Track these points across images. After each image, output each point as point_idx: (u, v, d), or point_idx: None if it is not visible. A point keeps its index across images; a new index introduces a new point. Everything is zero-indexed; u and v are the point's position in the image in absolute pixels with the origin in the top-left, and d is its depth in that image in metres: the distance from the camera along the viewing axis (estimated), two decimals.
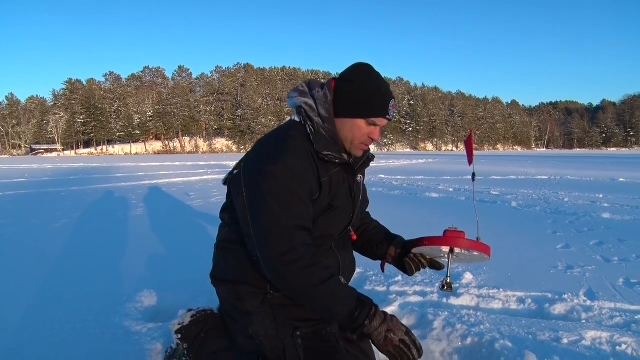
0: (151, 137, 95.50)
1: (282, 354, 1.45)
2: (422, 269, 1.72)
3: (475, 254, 1.55)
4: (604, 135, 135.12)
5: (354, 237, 1.71)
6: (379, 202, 6.71)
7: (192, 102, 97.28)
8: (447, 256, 1.58)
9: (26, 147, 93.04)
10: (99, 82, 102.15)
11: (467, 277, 2.86)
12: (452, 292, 1.71)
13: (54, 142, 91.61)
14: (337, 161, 1.48)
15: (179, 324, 1.74)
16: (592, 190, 8.16)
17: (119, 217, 5.65)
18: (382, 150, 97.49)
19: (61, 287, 2.78)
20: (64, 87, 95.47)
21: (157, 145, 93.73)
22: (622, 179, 10.66)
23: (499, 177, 11.77)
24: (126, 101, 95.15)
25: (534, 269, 3.09)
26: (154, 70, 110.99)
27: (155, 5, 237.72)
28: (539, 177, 11.91)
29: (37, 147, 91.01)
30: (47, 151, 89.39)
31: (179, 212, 6.07)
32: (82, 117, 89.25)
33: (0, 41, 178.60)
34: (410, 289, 2.68)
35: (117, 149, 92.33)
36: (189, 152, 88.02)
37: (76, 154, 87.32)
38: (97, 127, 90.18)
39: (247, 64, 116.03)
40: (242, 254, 1.51)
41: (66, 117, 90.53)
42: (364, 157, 1.64)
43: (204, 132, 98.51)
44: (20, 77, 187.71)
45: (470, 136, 1.69)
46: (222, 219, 1.65)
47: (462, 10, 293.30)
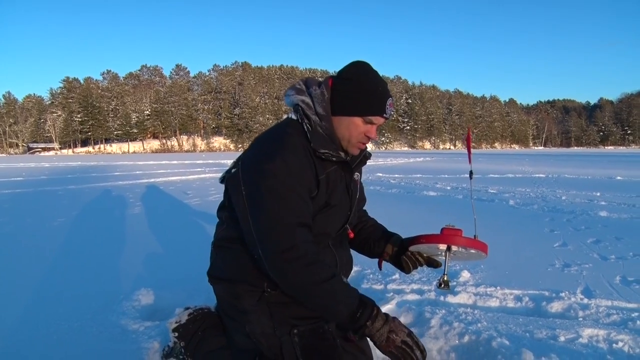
0: (149, 135, 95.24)
1: (279, 352, 1.45)
2: (419, 267, 1.72)
3: (472, 251, 1.55)
4: (602, 133, 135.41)
5: (351, 235, 1.71)
6: (376, 200, 6.71)
7: (189, 101, 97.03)
8: (444, 254, 1.58)
9: (23, 145, 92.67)
10: (96, 80, 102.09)
11: (465, 275, 2.86)
12: (450, 290, 1.72)
13: (51, 141, 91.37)
14: (334, 159, 1.48)
15: (176, 323, 1.74)
16: (589, 188, 8.17)
17: (116, 215, 5.64)
18: (380, 148, 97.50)
19: (58, 286, 2.77)
20: (62, 85, 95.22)
21: (155, 143, 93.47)
22: (619, 177, 10.69)
23: (497, 176, 11.79)
24: (124, 100, 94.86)
25: (531, 267, 3.10)
26: (151, 68, 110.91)
27: (152, 3, 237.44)
28: (537, 175, 11.93)
29: (34, 145, 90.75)
30: (44, 150, 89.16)
31: (176, 211, 6.06)
32: (79, 116, 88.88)
33: None
34: (407, 287, 2.68)
35: (115, 148, 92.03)
36: (187, 151, 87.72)
37: (73, 152, 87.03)
38: (94, 125, 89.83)
39: (245, 62, 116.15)
40: (239, 252, 1.50)
41: (63, 115, 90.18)
42: (361, 155, 1.64)
43: (202, 131, 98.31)
44: (17, 75, 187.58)
45: (468, 134, 1.69)
46: (219, 218, 1.64)
47: (460, 8, 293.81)
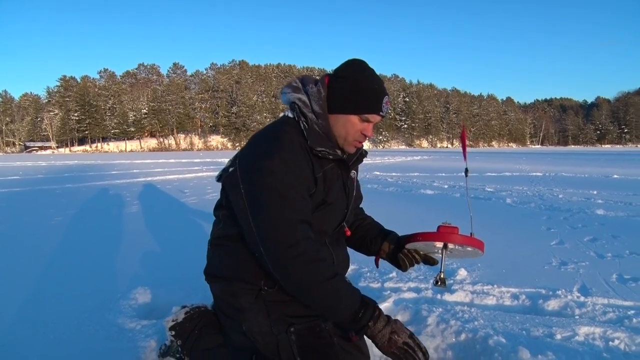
0: (146, 134, 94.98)
1: (276, 350, 1.45)
2: (415, 265, 1.71)
3: (468, 249, 1.55)
4: (599, 132, 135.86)
5: (348, 233, 1.71)
6: (373, 198, 6.72)
7: (187, 99, 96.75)
8: (440, 252, 1.58)
9: (20, 144, 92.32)
10: (93, 79, 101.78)
11: (462, 274, 2.86)
12: (446, 287, 1.72)
13: (48, 140, 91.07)
14: (331, 157, 1.48)
15: (173, 321, 1.74)
16: (586, 186, 8.19)
17: (113, 214, 5.62)
18: (378, 147, 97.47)
19: (55, 285, 2.76)
20: (58, 84, 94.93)
21: (152, 142, 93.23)
22: (616, 176, 10.71)
23: (494, 174, 11.80)
24: (121, 98, 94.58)
25: (528, 265, 3.10)
26: (148, 67, 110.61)
27: (149, 2, 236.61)
28: (534, 173, 11.95)
29: (31, 144, 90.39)
30: (41, 148, 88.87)
31: (173, 209, 6.05)
32: (76, 115, 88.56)
33: None
34: (404, 285, 2.68)
35: (112, 146, 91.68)
36: (184, 149, 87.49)
37: (70, 151, 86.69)
38: (91, 124, 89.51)
39: (242, 60, 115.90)
40: (236, 250, 1.50)
41: (60, 114, 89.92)
42: (357, 153, 1.64)
43: (199, 129, 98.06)
44: (14, 74, 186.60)
45: (463, 132, 1.69)
46: (215, 216, 1.64)
47: (457, 7, 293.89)
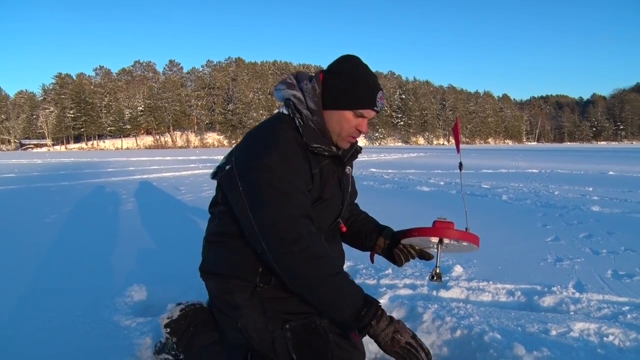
0: (142, 131, 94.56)
1: (271, 347, 1.44)
2: (411, 260, 1.72)
3: (464, 244, 1.55)
4: (594, 129, 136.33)
5: (344, 229, 1.71)
6: (369, 195, 6.73)
7: (183, 97, 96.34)
8: (436, 247, 1.58)
9: (15, 142, 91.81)
10: (89, 76, 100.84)
11: (457, 270, 2.87)
12: (442, 282, 1.72)
13: (43, 137, 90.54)
14: (326, 153, 1.48)
15: (168, 318, 1.73)
16: (582, 183, 8.23)
17: (109, 211, 5.61)
18: (374, 144, 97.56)
19: (50, 282, 2.76)
20: (54, 81, 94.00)
21: (148, 139, 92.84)
22: (611, 173, 10.77)
23: (490, 171, 11.84)
24: (117, 96, 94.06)
25: (523, 262, 3.11)
26: (144, 64, 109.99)
27: None
28: (530, 170, 11.99)
29: (26, 142, 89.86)
30: (36, 146, 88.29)
31: (169, 207, 6.04)
32: (72, 112, 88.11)
33: None
34: (400, 281, 2.69)
35: (108, 144, 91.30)
36: (180, 147, 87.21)
37: (66, 148, 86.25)
38: (87, 121, 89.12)
39: (239, 58, 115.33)
40: (231, 247, 1.50)
41: (56, 111, 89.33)
42: (352, 149, 1.64)
43: (195, 127, 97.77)
44: (9, 71, 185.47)
45: (456, 124, 1.69)
46: (211, 213, 1.63)
47: (453, 4, 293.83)
